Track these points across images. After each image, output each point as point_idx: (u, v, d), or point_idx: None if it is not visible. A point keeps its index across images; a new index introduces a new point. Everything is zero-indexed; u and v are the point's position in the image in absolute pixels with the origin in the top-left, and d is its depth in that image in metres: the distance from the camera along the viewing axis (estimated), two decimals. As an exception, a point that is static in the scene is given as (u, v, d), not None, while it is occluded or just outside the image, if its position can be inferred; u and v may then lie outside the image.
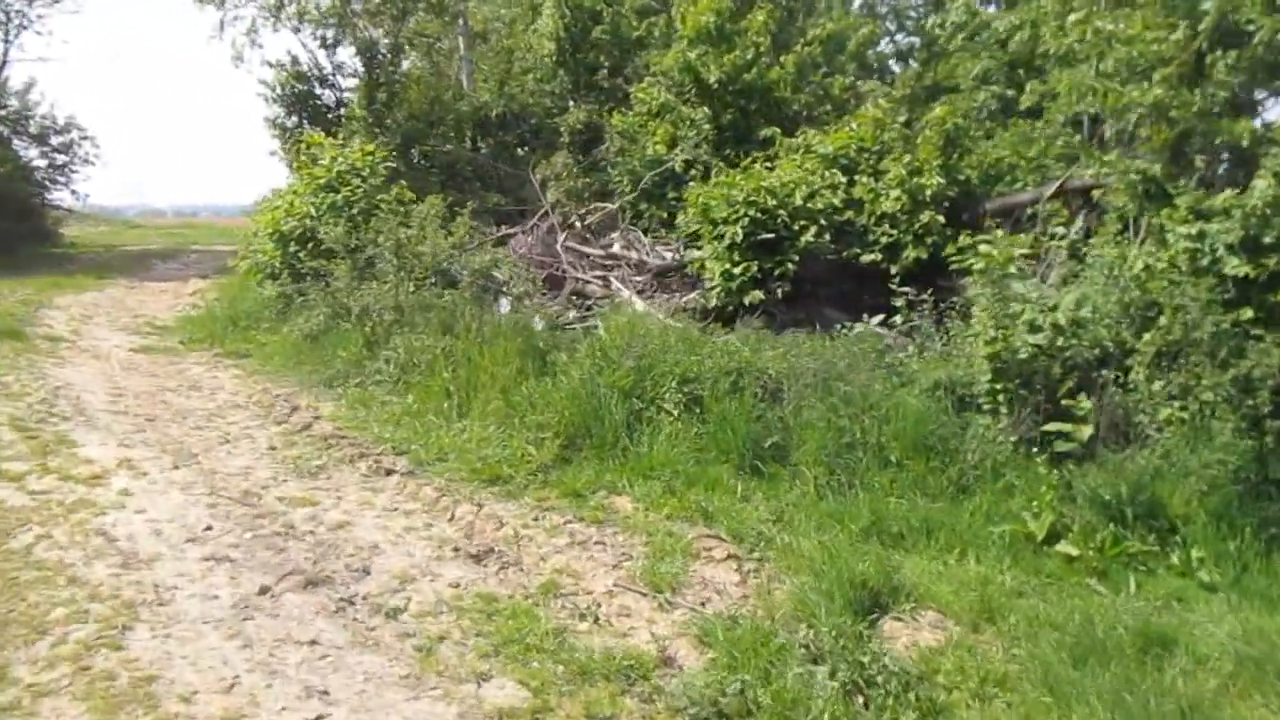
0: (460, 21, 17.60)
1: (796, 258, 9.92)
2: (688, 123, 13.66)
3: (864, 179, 10.44)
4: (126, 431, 7.10)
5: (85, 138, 28.24)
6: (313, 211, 10.99)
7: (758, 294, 9.77)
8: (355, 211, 10.92)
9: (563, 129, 15.77)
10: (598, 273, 11.21)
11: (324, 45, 14.97)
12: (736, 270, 9.88)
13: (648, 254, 11.27)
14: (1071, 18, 9.38)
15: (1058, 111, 13.15)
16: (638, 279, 10.93)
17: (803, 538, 5.79)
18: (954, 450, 6.82)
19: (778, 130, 13.29)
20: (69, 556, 4.80)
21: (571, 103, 16.40)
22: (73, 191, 28.57)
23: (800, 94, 14.48)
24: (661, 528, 5.86)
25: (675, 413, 7.35)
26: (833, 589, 5.01)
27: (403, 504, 6.09)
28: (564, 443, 6.98)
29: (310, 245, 10.96)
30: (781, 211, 9.98)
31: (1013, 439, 6.84)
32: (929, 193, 9.94)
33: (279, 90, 15.07)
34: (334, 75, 14.96)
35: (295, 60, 15.24)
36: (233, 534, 5.30)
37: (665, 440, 7.03)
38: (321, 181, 11.15)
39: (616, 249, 11.66)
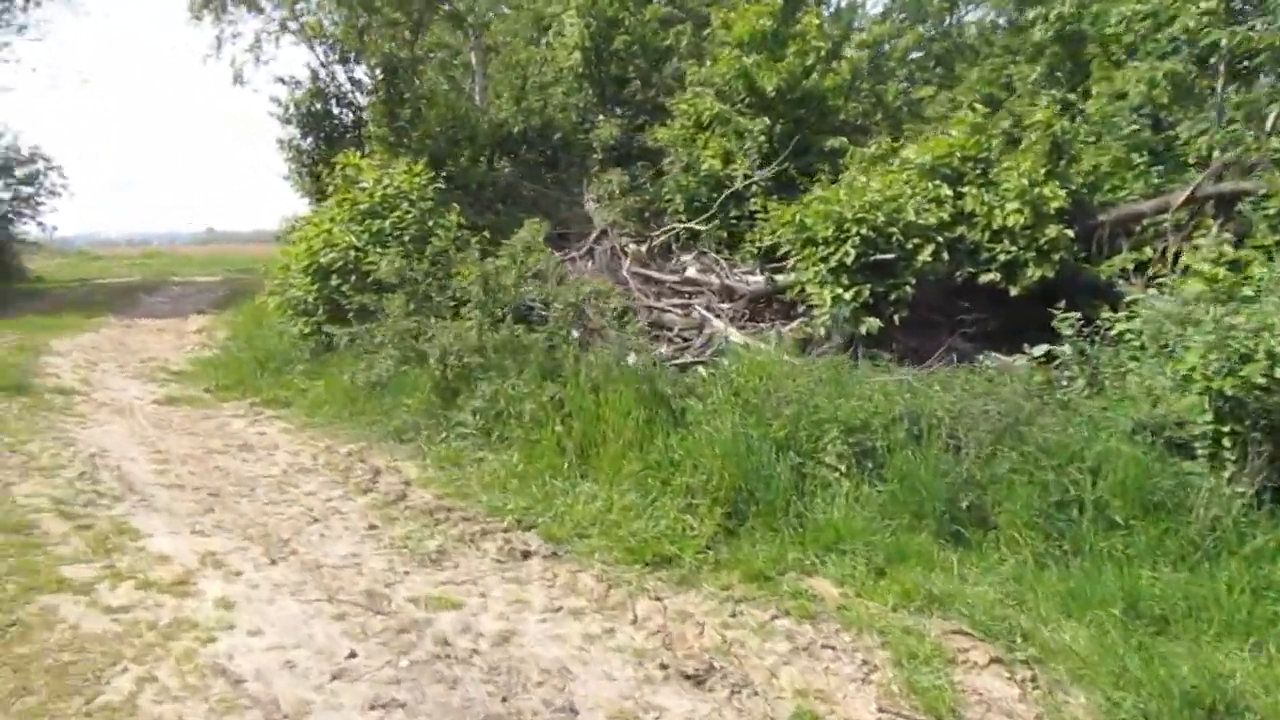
0: (473, 35, 16.49)
1: (913, 280, 8.96)
2: (744, 135, 12.67)
3: (973, 190, 9.50)
4: (192, 512, 5.84)
5: (51, 168, 26.79)
6: (356, 241, 9.77)
7: (874, 321, 8.77)
8: (407, 239, 9.72)
9: (595, 144, 14.73)
10: (674, 300, 10.12)
11: (341, 60, 13.68)
12: (847, 295, 8.87)
13: (729, 278, 10.21)
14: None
15: (1114, 113, 12.48)
16: (723, 306, 9.86)
17: (1060, 630, 4.77)
18: (1181, 506, 5.85)
19: (844, 140, 12.40)
20: (190, 712, 3.59)
21: (600, 116, 15.35)
22: (39, 224, 27.02)
23: (852, 102, 13.58)
24: (892, 623, 4.78)
25: (842, 468, 6.30)
26: (1159, 708, 3.99)
27: (564, 600, 4.93)
28: (727, 511, 5.88)
29: (354, 278, 9.74)
30: (893, 229, 9.00)
31: (1245, 492, 5.89)
32: (1054, 205, 9.02)
33: (293, 110, 13.75)
34: (352, 93, 13.70)
35: (315, 76, 13.96)
36: (384, 661, 4.11)
37: (843, 504, 5.96)
38: (364, 207, 9.93)
39: (692, 273, 10.59)
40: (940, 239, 9.07)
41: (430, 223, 9.85)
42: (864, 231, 8.91)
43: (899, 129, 13.80)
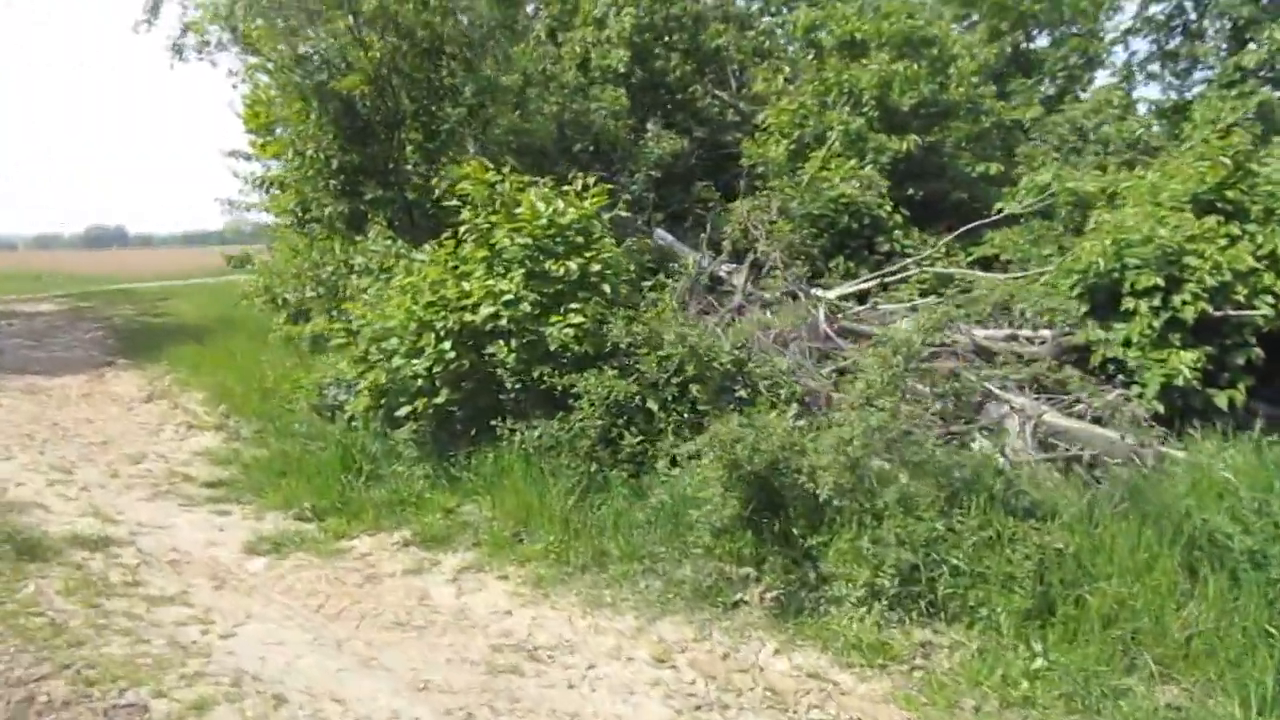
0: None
1: (1255, 340, 7.33)
2: (878, 156, 10.69)
3: (1270, 228, 7.99)
4: None
5: None
6: (527, 292, 6.77)
7: (1235, 393, 7.05)
8: (608, 290, 6.88)
9: (649, 156, 12.21)
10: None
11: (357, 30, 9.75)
12: (1189, 358, 7.08)
13: (983, 336, 8.11)
14: None
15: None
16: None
17: None
18: None
19: (997, 165, 10.77)
20: None
21: (648, 126, 12.81)
22: None
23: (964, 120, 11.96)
24: None
25: None
26: None
27: None
28: None
29: (520, 345, 6.79)
30: (1228, 275, 7.33)
31: None
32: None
33: (314, 99, 9.75)
34: (389, 75, 9.92)
35: (361, 45, 9.69)
36: None
37: None
38: (530, 244, 6.91)
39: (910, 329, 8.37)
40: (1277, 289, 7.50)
41: (630, 265, 7.08)
42: (1206, 279, 7.17)
43: (997, 153, 12.33)
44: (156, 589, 5.03)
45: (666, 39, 13.09)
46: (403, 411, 7.46)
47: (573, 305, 6.71)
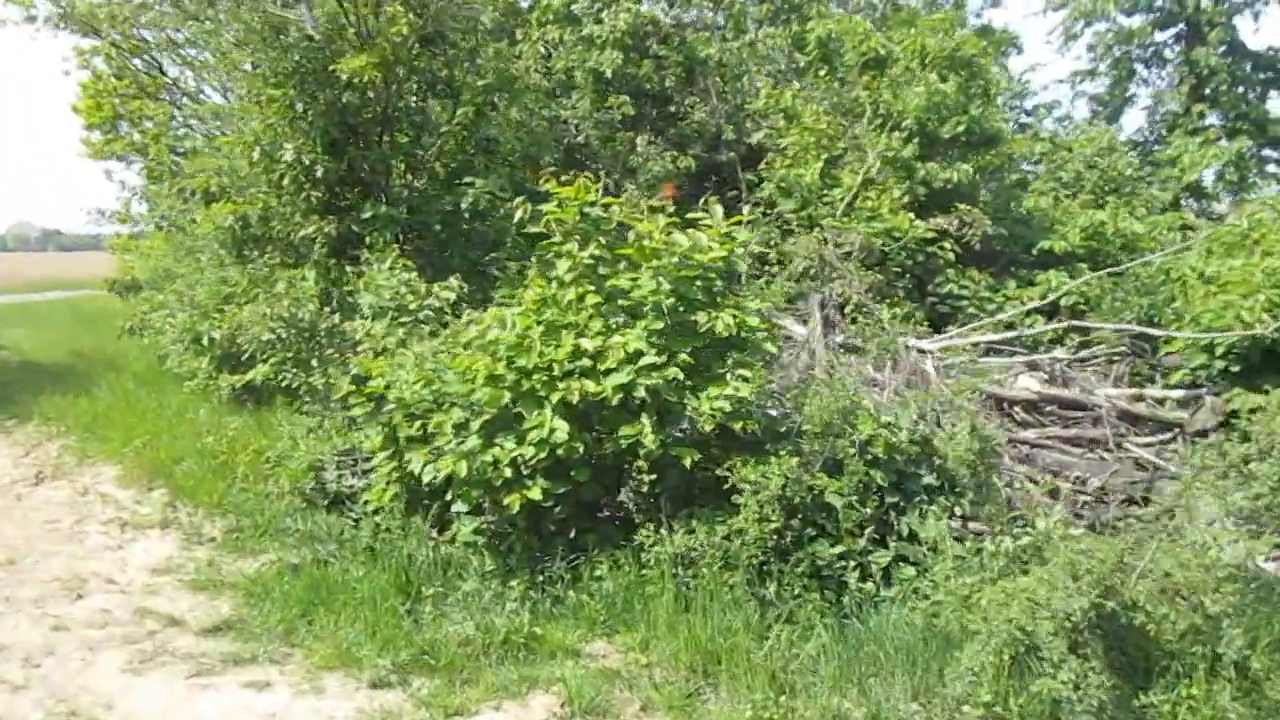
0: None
1: None
2: (909, 184, 9.70)
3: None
4: None
5: None
6: (646, 346, 5.07)
7: None
8: (772, 348, 5.32)
9: (651, 174, 10.74)
10: (1048, 433, 6.83)
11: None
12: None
13: (1102, 394, 7.13)
14: None
15: None
16: (1139, 441, 6.81)
17: None
18: None
19: (1047, 200, 10.07)
20: None
21: (637, 140, 11.31)
22: None
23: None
24: None
25: None
26: None
27: None
28: None
29: (658, 420, 5.13)
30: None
31: None
32: None
33: (294, 93, 7.33)
34: (395, 63, 7.54)
35: (344, 26, 7.42)
36: None
37: None
38: (667, 285, 5.21)
39: (1032, 385, 7.32)
40: None
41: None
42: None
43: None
44: None
45: (652, 44, 11.63)
46: (463, 507, 5.62)
47: (741, 371, 5.11)
